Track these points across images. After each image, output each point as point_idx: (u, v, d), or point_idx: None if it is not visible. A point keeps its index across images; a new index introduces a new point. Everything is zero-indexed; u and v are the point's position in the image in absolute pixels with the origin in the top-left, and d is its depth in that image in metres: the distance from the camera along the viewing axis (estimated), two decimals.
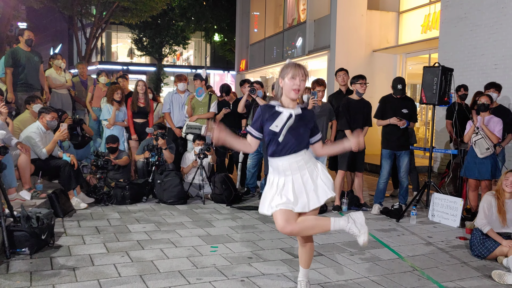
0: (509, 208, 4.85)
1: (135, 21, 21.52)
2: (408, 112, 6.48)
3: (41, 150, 6.10)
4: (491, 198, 4.90)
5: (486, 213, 4.82)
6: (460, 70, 9.11)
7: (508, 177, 4.87)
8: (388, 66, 13.50)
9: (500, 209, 4.81)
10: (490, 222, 4.80)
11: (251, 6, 21.10)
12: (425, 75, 6.40)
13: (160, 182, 6.75)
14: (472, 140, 6.18)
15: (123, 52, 39.15)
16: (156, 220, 5.80)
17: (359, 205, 6.76)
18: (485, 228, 4.75)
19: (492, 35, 8.80)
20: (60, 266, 4.04)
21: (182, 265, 4.21)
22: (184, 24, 31.56)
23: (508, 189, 4.84)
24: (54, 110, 6.50)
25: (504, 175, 4.94)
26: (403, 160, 6.58)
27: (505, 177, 4.89)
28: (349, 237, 5.32)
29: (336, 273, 4.17)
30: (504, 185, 4.85)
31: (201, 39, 36.69)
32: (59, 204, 5.67)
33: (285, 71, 3.25)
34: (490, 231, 4.72)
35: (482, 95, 6.29)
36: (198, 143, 7.22)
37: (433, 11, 11.88)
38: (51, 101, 8.22)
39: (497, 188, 4.97)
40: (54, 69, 8.47)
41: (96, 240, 4.83)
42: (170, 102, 7.97)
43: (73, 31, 21.11)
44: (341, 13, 13.22)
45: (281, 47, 17.97)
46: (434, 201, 6.28)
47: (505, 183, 4.86)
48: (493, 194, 4.94)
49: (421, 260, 4.62)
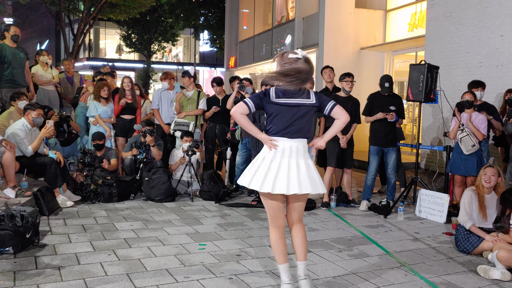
0: (489, 203, 4.90)
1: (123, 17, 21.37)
2: (395, 109, 6.53)
3: (26, 147, 6.02)
4: (472, 193, 4.94)
5: (467, 209, 4.86)
6: (446, 68, 9.20)
7: (487, 172, 4.91)
8: (376, 64, 13.57)
9: (481, 205, 4.85)
10: (471, 217, 4.84)
11: (240, 4, 21.05)
12: (411, 72, 6.45)
13: (148, 179, 6.71)
14: (458, 137, 6.24)
15: (111, 48, 38.87)
16: (144, 217, 5.77)
17: (347, 202, 6.80)
18: (467, 224, 4.79)
19: (477, 34, 8.89)
20: (45, 265, 3.99)
21: (170, 263, 4.19)
22: (173, 21, 31.40)
23: (487, 184, 4.88)
24: (40, 107, 6.42)
25: (482, 170, 4.98)
26: (391, 157, 6.62)
27: (484, 172, 4.93)
28: (337, 234, 5.35)
29: (324, 269, 4.18)
30: (483, 180, 4.89)
31: (190, 36, 36.56)
32: (45, 202, 5.59)
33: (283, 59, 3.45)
34: (472, 226, 4.76)
35: (466, 92, 6.35)
36: (186, 140, 7.18)
37: (420, 10, 11.95)
38: (38, 97, 8.13)
39: (476, 184, 5.00)
40: (40, 65, 8.37)
41: (82, 239, 4.79)
42: (159, 99, 7.97)
43: (61, 27, 20.88)
44: (329, 11, 13.25)
45: (270, 44, 17.97)
46: (421, 197, 6.34)
47: (484, 178, 4.90)
48: (473, 190, 4.98)
49: (408, 256, 4.66)
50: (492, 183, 4.88)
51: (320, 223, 5.83)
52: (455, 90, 8.53)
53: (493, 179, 4.88)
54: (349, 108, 6.64)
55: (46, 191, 5.77)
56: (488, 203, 4.90)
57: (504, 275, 4.09)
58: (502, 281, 4.06)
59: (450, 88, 8.74)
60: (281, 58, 3.44)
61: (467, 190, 5.06)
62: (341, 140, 6.53)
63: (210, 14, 30.51)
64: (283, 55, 3.44)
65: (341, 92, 6.69)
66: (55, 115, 7.30)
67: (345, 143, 6.57)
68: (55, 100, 8.49)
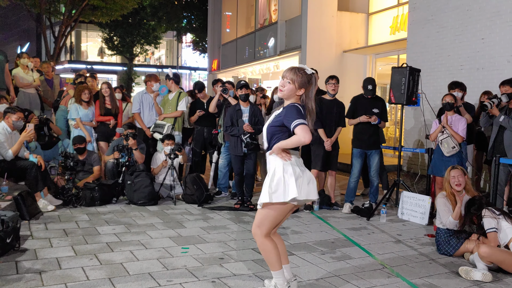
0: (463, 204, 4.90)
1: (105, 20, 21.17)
2: (378, 112, 6.58)
3: (6, 151, 5.93)
4: (444, 199, 4.95)
5: (447, 210, 4.87)
6: (428, 71, 9.32)
7: (454, 174, 4.93)
8: (358, 67, 13.69)
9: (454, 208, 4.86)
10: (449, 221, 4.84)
11: (223, 6, 21.05)
12: (393, 75, 6.52)
13: (131, 183, 6.66)
14: (438, 139, 6.31)
15: (93, 51, 38.52)
16: (126, 221, 5.72)
17: (330, 204, 6.83)
18: (451, 217, 4.81)
19: (458, 37, 9.02)
20: (25, 270, 3.93)
21: (152, 267, 4.16)
22: (156, 23, 31.28)
23: (457, 187, 4.91)
24: (20, 110, 6.33)
25: (448, 174, 4.98)
26: (374, 159, 6.67)
27: (451, 175, 4.94)
28: (320, 236, 5.37)
29: (307, 272, 4.20)
30: (453, 184, 4.91)
31: (173, 38, 36.43)
32: (26, 207, 5.51)
33: None
34: (453, 214, 4.78)
35: (446, 95, 6.43)
36: (167, 143, 7.14)
37: (401, 13, 12.10)
38: (18, 100, 8.02)
39: (444, 188, 5.00)
40: (21, 68, 8.26)
41: (63, 243, 4.72)
42: (140, 102, 7.83)
43: (41, 30, 20.62)
44: (311, 14, 13.33)
45: (253, 47, 17.99)
46: (403, 199, 6.39)
47: (452, 181, 4.92)
48: (443, 195, 4.98)
49: (390, 258, 4.70)
50: (463, 184, 4.91)
51: (303, 225, 5.85)
52: (437, 92, 8.63)
53: (462, 180, 4.90)
54: (334, 112, 6.68)
55: (26, 195, 5.68)
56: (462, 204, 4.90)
57: (485, 276, 4.14)
58: (484, 282, 4.12)
59: (432, 91, 8.85)
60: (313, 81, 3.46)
61: (438, 197, 5.05)
62: (326, 143, 6.57)
63: (193, 16, 30.50)
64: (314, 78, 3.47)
65: (326, 95, 6.73)
66: (35, 118, 7.21)
67: (329, 146, 6.59)
68: (36, 103, 8.38)
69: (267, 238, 3.44)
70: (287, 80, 3.36)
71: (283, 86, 3.38)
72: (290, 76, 3.36)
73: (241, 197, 6.73)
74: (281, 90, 3.40)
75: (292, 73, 3.37)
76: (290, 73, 3.37)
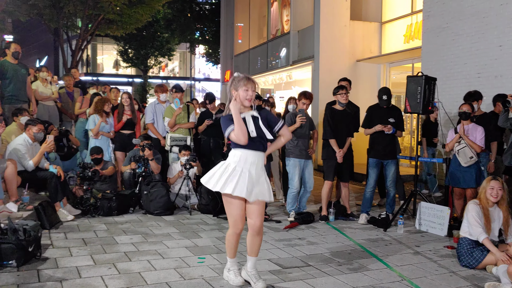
0: (493, 216, 4.82)
1: (120, 33, 21.49)
2: (394, 122, 6.54)
3: (27, 162, 6.05)
4: (477, 207, 4.81)
5: (478, 221, 4.72)
6: (443, 79, 9.26)
7: (494, 186, 4.78)
8: (372, 76, 13.66)
9: (486, 218, 4.75)
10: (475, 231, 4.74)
11: (235, 18, 21.22)
12: (408, 84, 6.49)
13: (147, 193, 6.72)
14: (455, 149, 6.25)
15: (108, 63, 39.06)
16: (143, 231, 5.77)
17: (346, 215, 6.79)
18: (481, 236, 4.65)
19: (474, 44, 8.95)
20: (47, 279, 3.99)
21: (170, 276, 4.18)
22: (169, 35, 31.62)
23: (493, 199, 4.77)
24: (40, 122, 6.47)
25: (487, 184, 4.84)
26: (390, 169, 6.62)
27: (490, 186, 4.79)
28: (337, 247, 5.35)
29: (324, 283, 4.18)
30: (489, 194, 4.78)
31: (186, 50, 36.77)
32: (46, 216, 5.60)
33: (238, 84, 3.83)
34: (485, 240, 4.62)
35: (463, 104, 6.37)
36: (184, 153, 7.20)
37: (415, 21, 12.07)
38: (38, 113, 8.18)
39: (479, 197, 4.88)
40: (40, 81, 8.44)
41: (83, 252, 4.78)
42: (153, 112, 7.93)
43: (59, 43, 20.99)
44: (324, 23, 13.36)
45: (265, 57, 18.08)
46: (421, 210, 6.30)
47: (490, 192, 4.78)
48: (477, 203, 4.85)
49: (409, 270, 4.63)
50: (499, 197, 4.78)
51: (319, 236, 5.83)
52: (453, 101, 8.55)
53: (500, 193, 4.78)
54: (348, 121, 6.66)
55: (47, 205, 5.78)
56: (491, 217, 4.81)
57: None
58: None
59: (448, 100, 8.77)
60: None
61: (471, 203, 4.90)
62: (337, 154, 6.54)
63: (206, 28, 30.78)
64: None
65: (337, 105, 6.72)
66: (54, 129, 7.34)
67: (341, 157, 6.57)
68: (55, 115, 8.55)
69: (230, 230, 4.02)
70: (253, 90, 3.83)
71: (252, 97, 3.82)
72: (254, 86, 3.85)
73: None
74: (251, 100, 3.82)
75: (253, 83, 3.85)
76: (252, 84, 3.82)
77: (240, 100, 3.82)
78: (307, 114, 6.78)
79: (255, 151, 3.84)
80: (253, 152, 3.83)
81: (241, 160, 3.82)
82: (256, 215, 3.92)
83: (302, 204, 6.78)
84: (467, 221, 4.83)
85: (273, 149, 4.19)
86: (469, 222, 4.80)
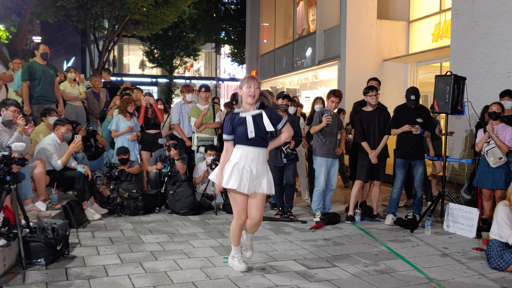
0: None
1: (146, 33, 21.77)
2: (422, 122, 6.42)
3: (56, 161, 6.17)
4: (507, 208, 4.75)
5: (508, 223, 4.65)
6: (473, 79, 9.05)
7: None
8: (399, 75, 13.47)
9: None
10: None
11: (260, 17, 21.22)
12: (437, 84, 6.37)
13: (173, 192, 6.77)
14: (484, 149, 6.11)
15: (134, 64, 39.58)
16: (169, 230, 5.81)
17: (372, 216, 6.71)
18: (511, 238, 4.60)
19: (505, 43, 8.74)
20: (75, 277, 4.06)
21: (196, 276, 4.20)
22: (194, 36, 31.84)
23: None
24: (68, 122, 6.58)
25: None
26: (418, 170, 6.51)
27: None
28: (363, 248, 5.29)
29: (350, 284, 4.14)
30: None
31: (211, 50, 36.98)
32: (74, 215, 5.71)
33: (241, 83, 4.13)
34: None
35: (493, 103, 6.23)
36: (210, 153, 7.23)
37: (444, 20, 11.85)
38: (66, 113, 8.32)
39: (509, 198, 4.82)
40: (68, 82, 8.60)
41: (110, 251, 4.85)
42: (179, 113, 7.94)
43: (86, 44, 21.40)
44: (350, 23, 13.25)
45: (291, 57, 18.02)
46: (449, 211, 6.19)
47: None
48: (506, 204, 4.78)
49: (437, 272, 4.56)
50: None
51: (345, 237, 5.78)
52: (483, 101, 8.36)
53: None
54: (377, 122, 6.56)
55: (75, 204, 5.89)
56: None
57: None
58: None
59: (477, 99, 8.57)
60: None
61: (500, 204, 4.85)
62: (370, 155, 6.45)
63: (231, 28, 30.87)
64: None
65: (367, 106, 6.63)
66: (82, 129, 7.46)
67: (374, 158, 6.48)
68: (82, 116, 8.69)
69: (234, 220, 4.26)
70: (256, 87, 4.06)
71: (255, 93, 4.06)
72: (257, 83, 4.08)
73: (282, 207, 6.72)
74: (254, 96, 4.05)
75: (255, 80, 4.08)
76: (254, 81, 4.07)
77: (244, 98, 4.12)
78: (335, 114, 6.73)
79: (256, 147, 4.11)
80: (254, 149, 4.11)
81: (242, 156, 4.09)
82: (256, 208, 4.17)
83: (327, 203, 6.74)
84: (497, 223, 4.77)
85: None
86: (498, 224, 4.74)
